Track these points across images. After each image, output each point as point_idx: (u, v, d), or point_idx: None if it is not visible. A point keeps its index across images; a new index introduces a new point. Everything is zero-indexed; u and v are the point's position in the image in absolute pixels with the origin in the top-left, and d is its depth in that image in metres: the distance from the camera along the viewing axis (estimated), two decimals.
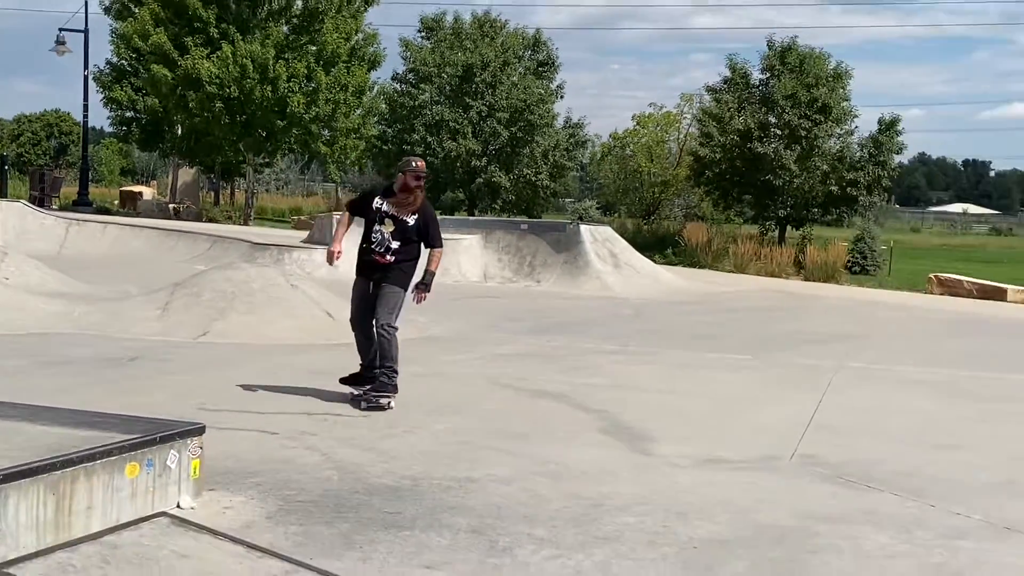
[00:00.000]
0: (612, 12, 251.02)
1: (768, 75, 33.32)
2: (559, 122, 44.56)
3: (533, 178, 42.61)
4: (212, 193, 49.87)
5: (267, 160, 41.31)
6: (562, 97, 44.96)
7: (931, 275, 27.40)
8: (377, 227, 8.77)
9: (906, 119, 34.18)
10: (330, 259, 9.07)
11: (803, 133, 31.51)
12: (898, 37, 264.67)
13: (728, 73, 34.52)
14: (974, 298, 24.86)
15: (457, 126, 41.40)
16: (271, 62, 33.67)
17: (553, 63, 46.10)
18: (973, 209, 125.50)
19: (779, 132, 32.16)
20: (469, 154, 41.34)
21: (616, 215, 43.87)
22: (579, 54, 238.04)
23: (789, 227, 34.50)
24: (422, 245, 8.97)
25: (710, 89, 35.33)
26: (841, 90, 32.59)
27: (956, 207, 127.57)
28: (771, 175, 31.50)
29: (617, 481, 7.04)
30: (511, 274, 22.43)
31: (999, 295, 24.88)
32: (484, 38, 43.85)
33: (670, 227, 36.58)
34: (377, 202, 8.87)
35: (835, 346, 14.76)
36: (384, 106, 41.32)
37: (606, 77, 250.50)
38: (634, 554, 5.60)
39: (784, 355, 13.58)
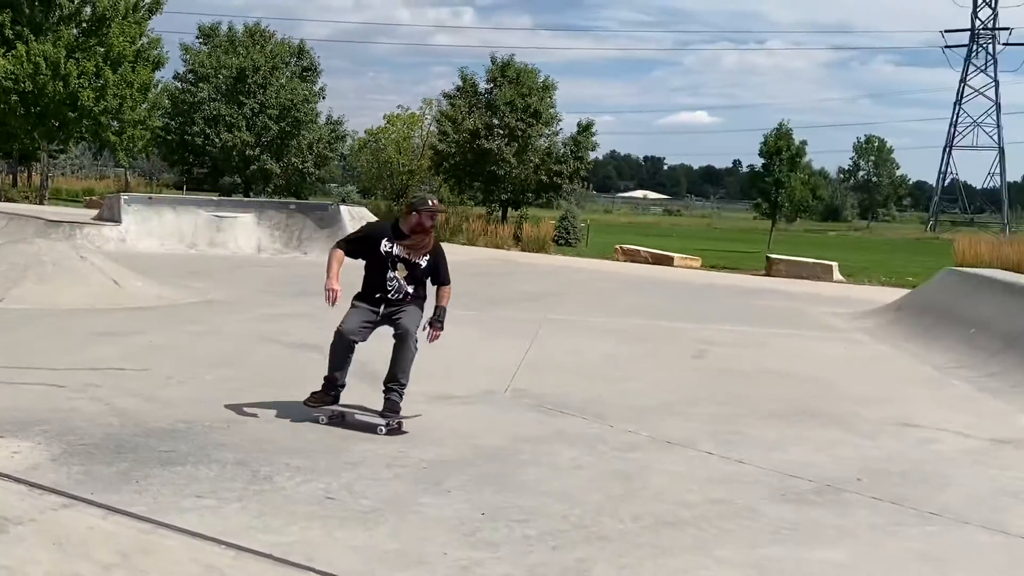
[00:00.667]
0: (369, 28, 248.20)
1: (492, 85, 33.68)
2: (322, 119, 43.91)
3: (300, 166, 41.86)
4: (11, 176, 46.24)
5: (60, 147, 38.83)
6: (324, 98, 44.29)
7: (617, 246, 28.58)
8: (391, 274, 6.71)
9: (600, 123, 35.45)
10: (332, 300, 6.67)
11: (519, 133, 32.09)
12: (595, 58, 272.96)
13: (460, 83, 34.73)
14: (649, 264, 26.07)
15: (232, 120, 40.16)
16: (63, 61, 31.83)
17: (315, 69, 45.24)
18: (651, 195, 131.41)
19: (501, 132, 32.59)
20: (244, 145, 40.22)
21: (373, 198, 43.48)
22: (341, 63, 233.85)
23: (510, 208, 35.10)
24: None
25: (446, 95, 35.41)
26: (549, 99, 33.32)
27: (638, 193, 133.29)
28: (495, 166, 31.97)
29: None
30: (281, 247, 21.85)
31: (667, 261, 26.20)
32: (255, 45, 42.64)
33: None
34: (386, 246, 6.69)
35: (543, 302, 15.14)
36: (167, 102, 39.61)
37: (364, 83, 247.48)
38: (375, 475, 5.59)
39: (503, 311, 13.82)
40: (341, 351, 6.72)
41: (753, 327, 13.53)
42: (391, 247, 6.71)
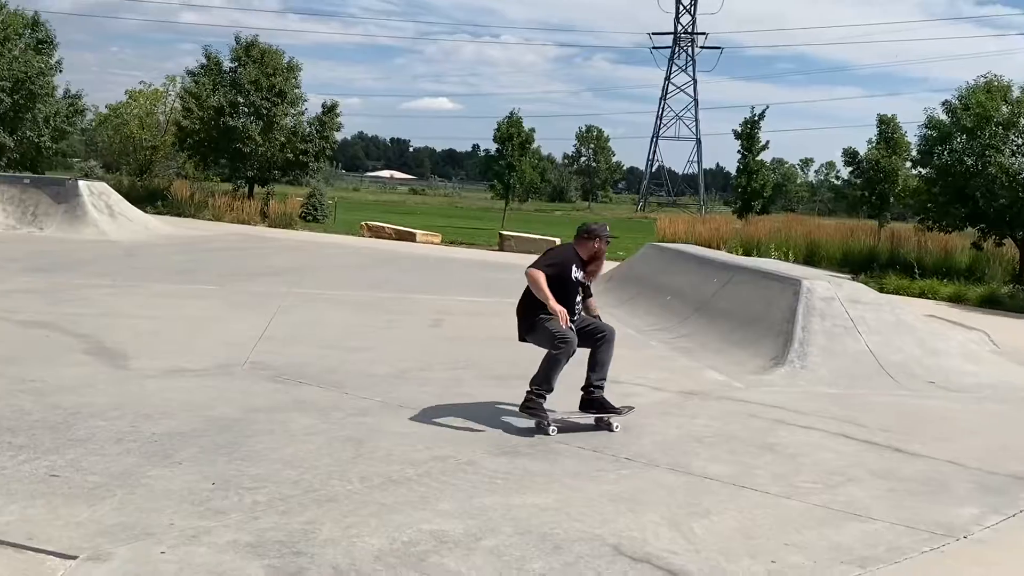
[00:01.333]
0: (111, 3, 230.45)
1: (237, 64, 32.32)
2: (59, 93, 40.49)
3: (36, 140, 38.43)
4: None
5: None
6: (61, 71, 40.78)
7: (363, 223, 28.34)
8: (577, 299, 6.71)
9: (348, 106, 34.92)
10: (566, 321, 6.44)
11: (265, 112, 31.01)
12: (343, 43, 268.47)
13: (205, 60, 33.04)
14: (393, 239, 26.05)
15: None
16: None
17: (51, 41, 41.62)
18: (398, 175, 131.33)
19: (246, 110, 31.37)
20: None
21: (117, 173, 40.65)
22: (84, 37, 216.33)
23: (256, 185, 33.90)
24: None
25: (190, 72, 33.56)
26: (293, 79, 32.36)
27: (385, 173, 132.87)
28: (241, 144, 30.70)
29: (95, 393, 6.56)
30: (15, 222, 20.01)
31: (410, 237, 26.28)
32: None
33: (160, 184, 34.57)
34: (575, 273, 6.63)
35: (287, 276, 14.76)
36: None
37: (107, 58, 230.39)
38: (103, 451, 5.25)
39: (247, 285, 13.37)
40: (566, 362, 6.53)
41: (486, 297, 13.83)
42: (578, 274, 6.66)
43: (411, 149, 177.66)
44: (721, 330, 10.53)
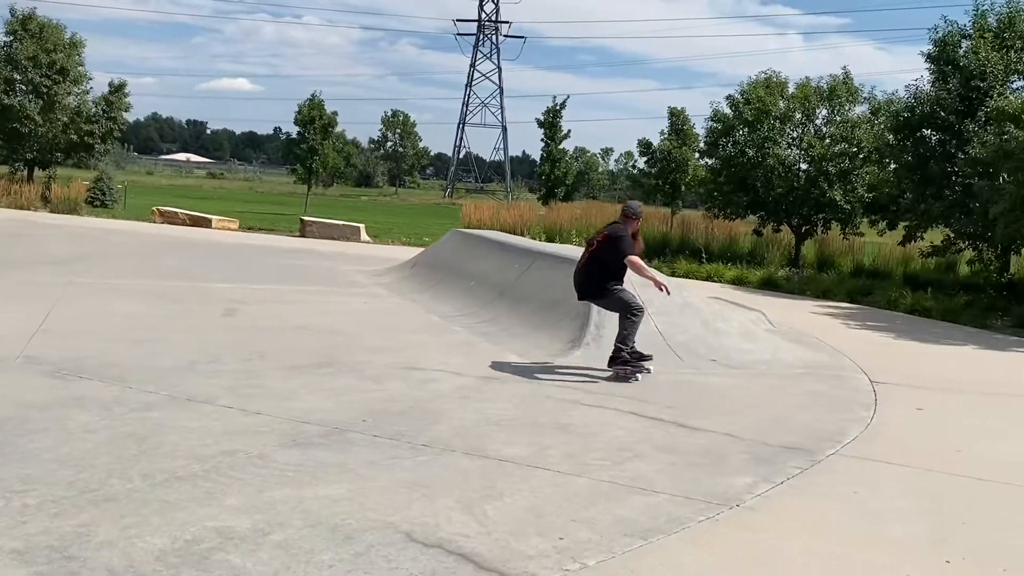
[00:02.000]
0: None
1: (12, 38, 29.93)
2: None
3: None
4: None
5: None
6: None
7: (154, 208, 27.01)
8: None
9: (142, 85, 33.08)
10: (666, 289, 8.68)
11: (45, 90, 28.90)
12: (135, 19, 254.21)
13: None
14: (187, 225, 24.98)
15: None
16: None
17: None
18: (195, 158, 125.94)
19: (24, 88, 29.14)
20: None
21: None
22: None
23: (37, 168, 31.58)
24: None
25: None
26: (77, 56, 30.32)
27: (181, 156, 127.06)
28: (18, 124, 28.51)
29: None
30: None
31: (206, 223, 25.28)
32: None
33: None
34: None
35: (70, 265, 13.88)
36: None
37: None
38: None
39: (24, 274, 12.47)
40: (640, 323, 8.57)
41: (284, 285, 13.51)
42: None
43: (209, 131, 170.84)
44: (523, 314, 10.74)
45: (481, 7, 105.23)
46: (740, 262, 22.36)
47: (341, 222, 25.91)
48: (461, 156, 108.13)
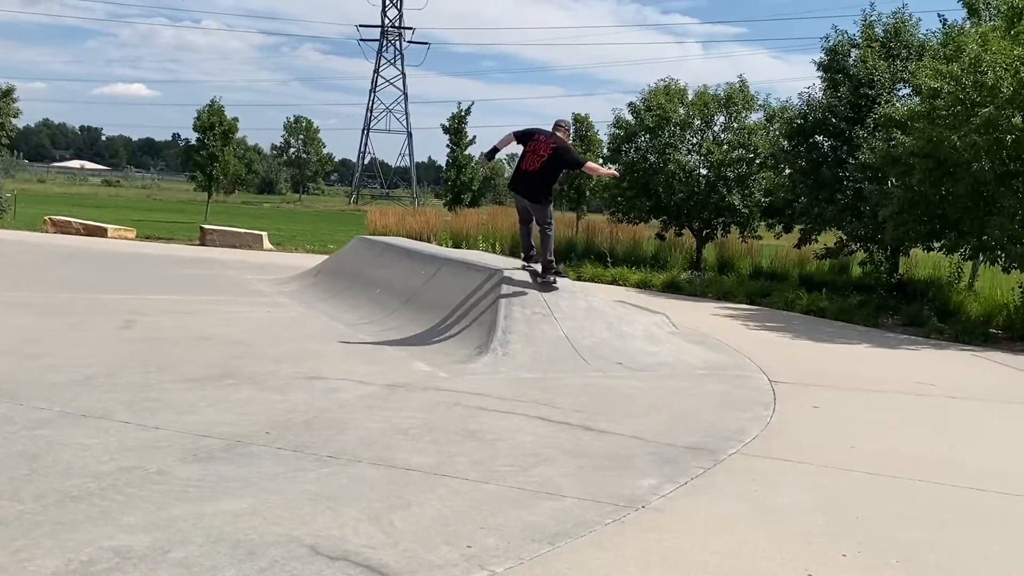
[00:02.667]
0: None
1: None
2: None
3: None
4: None
5: None
6: None
7: (46, 217, 26.04)
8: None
9: (32, 90, 31.73)
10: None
11: None
12: (24, 22, 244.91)
13: None
14: (82, 235, 24.16)
15: None
16: None
17: None
18: (89, 165, 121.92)
19: None
20: None
21: None
22: None
23: None
24: None
25: None
26: None
27: (75, 163, 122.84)
28: None
29: None
30: None
31: (101, 232, 24.49)
32: None
33: None
34: None
35: None
36: None
37: None
38: None
39: None
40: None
41: (184, 295, 13.17)
42: None
43: (104, 138, 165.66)
44: (429, 321, 10.69)
45: (384, 13, 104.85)
46: (644, 266, 22.72)
47: (243, 230, 25.40)
48: (366, 162, 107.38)
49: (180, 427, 6.10)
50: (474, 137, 38.62)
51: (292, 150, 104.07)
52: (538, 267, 10.63)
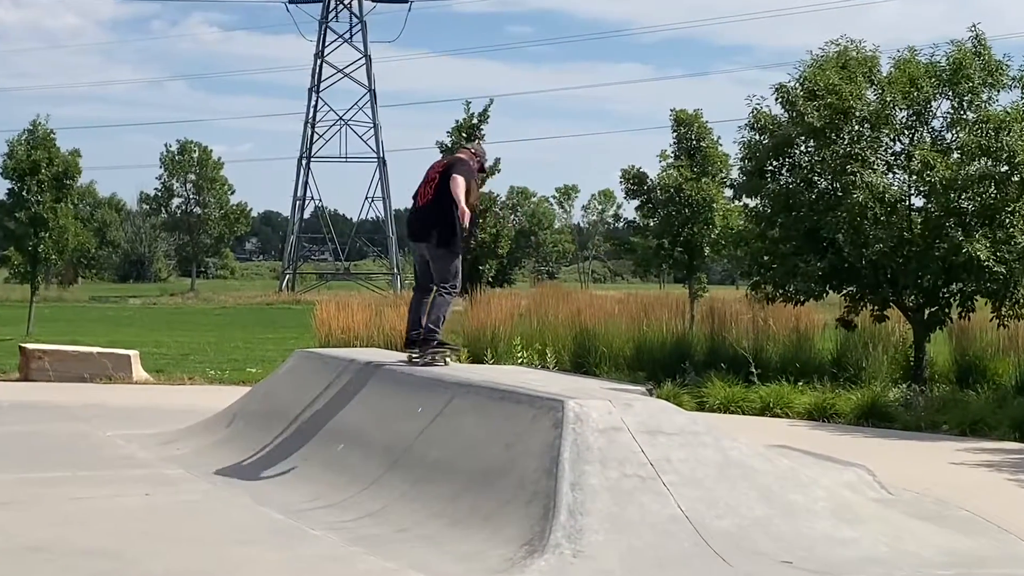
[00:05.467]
0: None
1: None
2: None
3: None
4: None
5: None
6: None
7: None
8: None
9: None
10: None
11: None
12: None
13: None
14: None
15: None
16: None
17: None
18: None
19: None
20: None
21: None
22: None
23: None
24: None
25: None
26: None
27: None
28: None
29: None
30: None
31: None
32: None
33: None
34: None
35: None
36: None
37: None
38: None
39: None
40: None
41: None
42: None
43: None
44: (434, 498, 10.72)
45: None
46: (819, 378, 22.58)
47: (95, 349, 25.62)
48: (307, 215, 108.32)
49: None
50: (497, 161, 39.06)
51: (177, 202, 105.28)
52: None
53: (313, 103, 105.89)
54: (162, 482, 12.86)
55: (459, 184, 13.08)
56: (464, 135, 38.92)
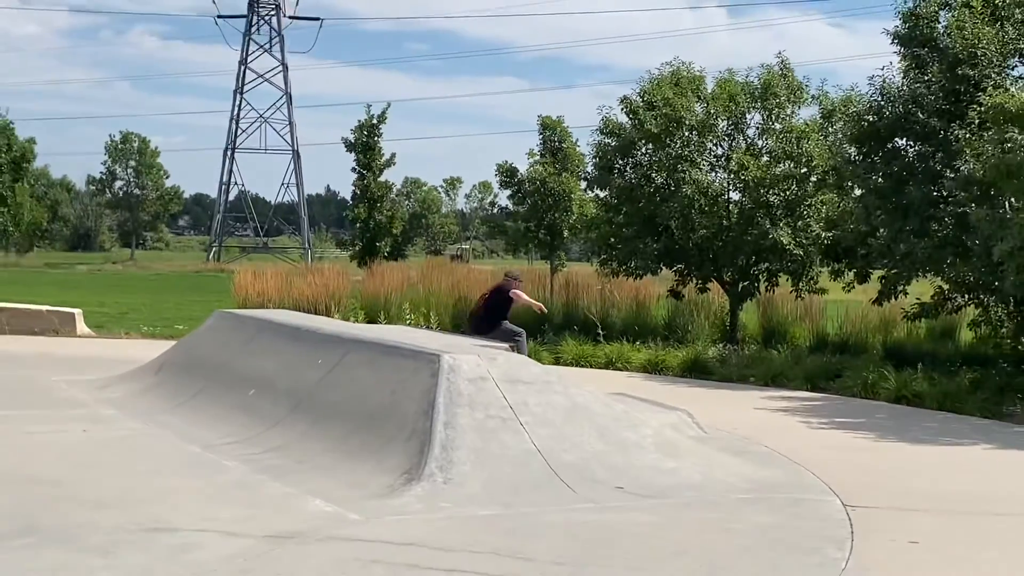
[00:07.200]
0: None
1: None
2: None
3: None
4: None
5: None
6: None
7: None
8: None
9: None
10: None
11: None
12: None
13: None
14: None
15: None
16: None
17: None
18: None
19: None
20: None
21: None
22: None
23: None
24: None
25: None
26: None
27: None
28: None
29: None
30: None
31: None
32: None
33: None
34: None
35: None
36: None
37: None
38: None
39: None
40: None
41: None
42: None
43: None
44: (330, 435, 10.69)
45: None
46: (653, 339, 22.81)
47: (44, 307, 25.18)
48: (231, 198, 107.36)
49: None
50: (393, 155, 38.87)
51: (119, 184, 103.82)
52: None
53: (237, 103, 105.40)
54: (99, 420, 12.71)
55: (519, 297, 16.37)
56: (365, 134, 38.59)
